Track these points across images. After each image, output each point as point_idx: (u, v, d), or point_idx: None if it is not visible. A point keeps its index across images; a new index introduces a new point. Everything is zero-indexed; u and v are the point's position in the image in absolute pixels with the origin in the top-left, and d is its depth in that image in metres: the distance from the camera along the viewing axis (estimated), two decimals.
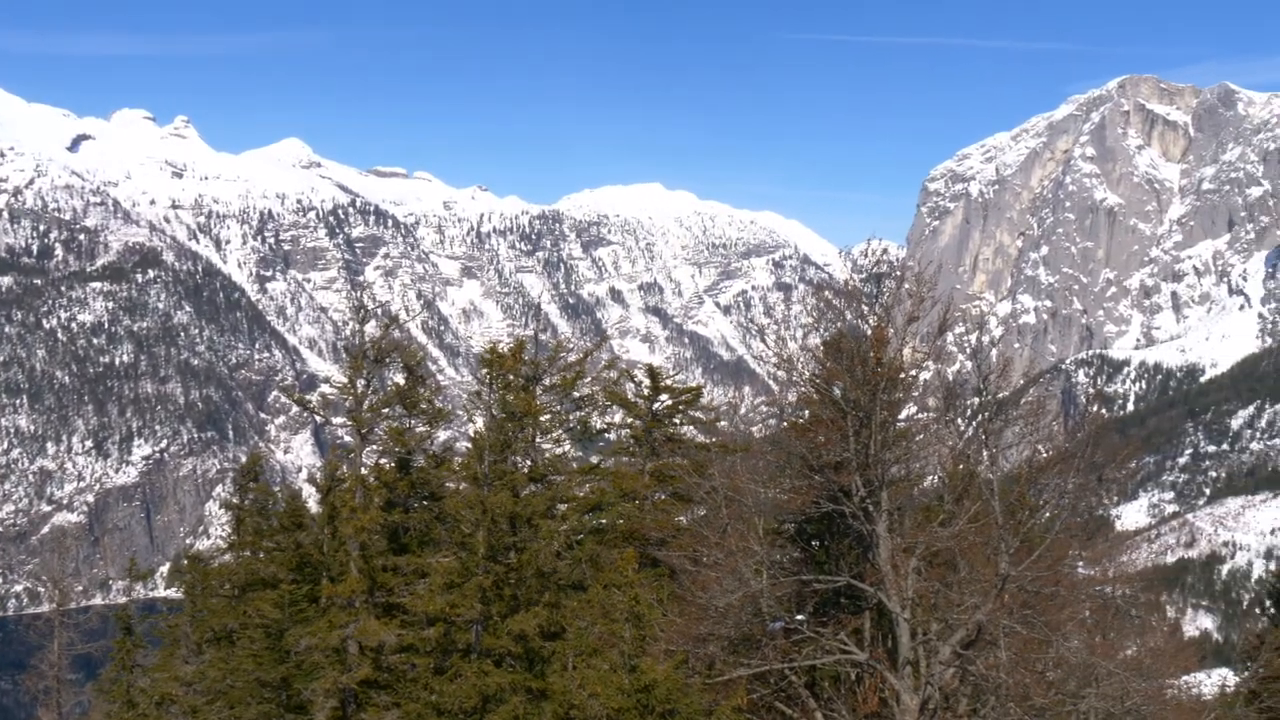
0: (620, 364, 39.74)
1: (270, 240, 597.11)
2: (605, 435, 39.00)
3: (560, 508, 34.43)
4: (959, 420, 28.63)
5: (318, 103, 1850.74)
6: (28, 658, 48.75)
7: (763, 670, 25.62)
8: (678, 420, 37.18)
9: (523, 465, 32.46)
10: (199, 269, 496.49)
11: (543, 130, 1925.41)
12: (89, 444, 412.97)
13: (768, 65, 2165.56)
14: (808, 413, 28.15)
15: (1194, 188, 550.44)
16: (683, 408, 37.16)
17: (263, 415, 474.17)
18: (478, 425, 32.13)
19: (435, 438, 33.48)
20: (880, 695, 24.60)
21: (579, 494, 35.80)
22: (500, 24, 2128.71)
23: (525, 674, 28.71)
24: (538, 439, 33.83)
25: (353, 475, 31.90)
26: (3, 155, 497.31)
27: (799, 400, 28.80)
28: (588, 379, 36.20)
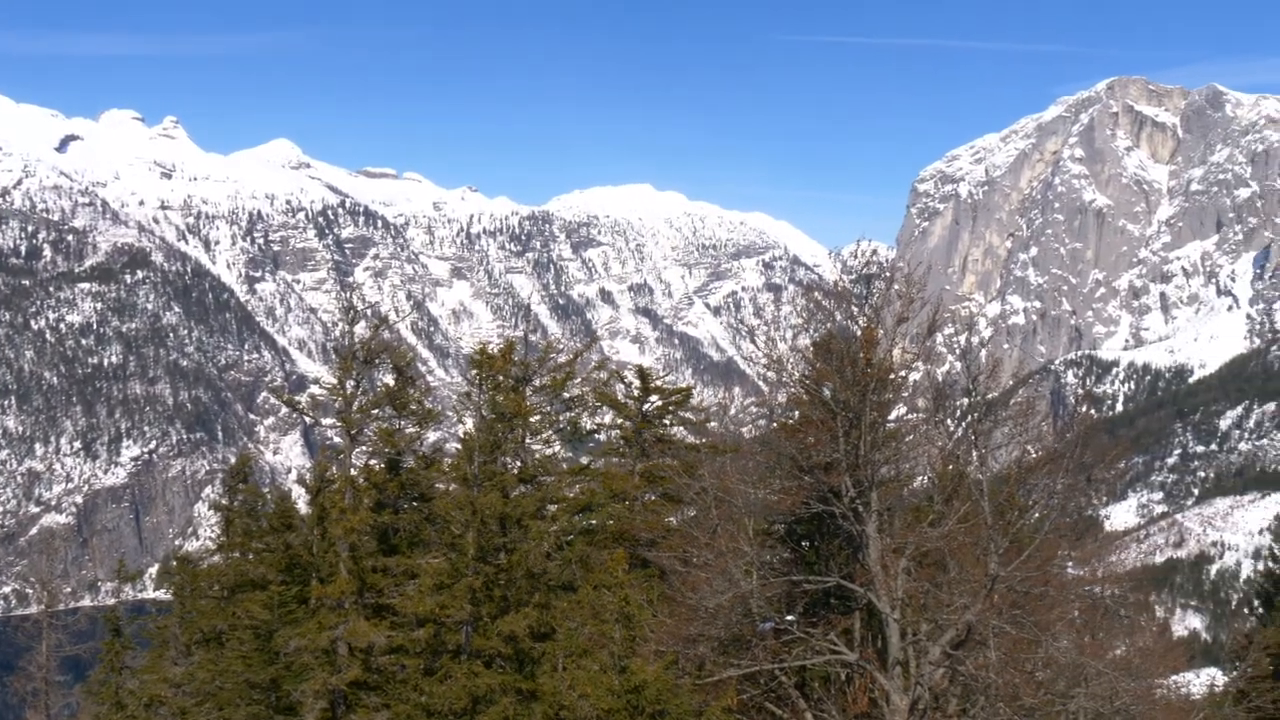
0: (610, 365, 39.77)
1: (259, 241, 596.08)
2: (595, 436, 38.99)
3: (550, 509, 34.37)
4: (948, 421, 28.66)
5: (307, 103, 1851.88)
6: (16, 659, 48.51)
7: (753, 671, 25.65)
8: (668, 421, 37.18)
9: (513, 466, 32.42)
10: (188, 270, 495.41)
11: (533, 131, 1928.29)
12: (77, 445, 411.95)
13: (758, 66, 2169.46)
14: (797, 413, 28.20)
15: (1182, 189, 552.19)
16: (673, 408, 37.16)
17: (252, 416, 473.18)
18: (467, 426, 32.09)
19: (425, 439, 33.44)
20: (870, 696, 24.63)
21: (569, 495, 35.75)
22: (493, 25, 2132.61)
23: (515, 675, 28.68)
24: (528, 440, 33.80)
25: (342, 476, 31.84)
26: None
27: (789, 401, 28.84)
28: (578, 380, 36.17)
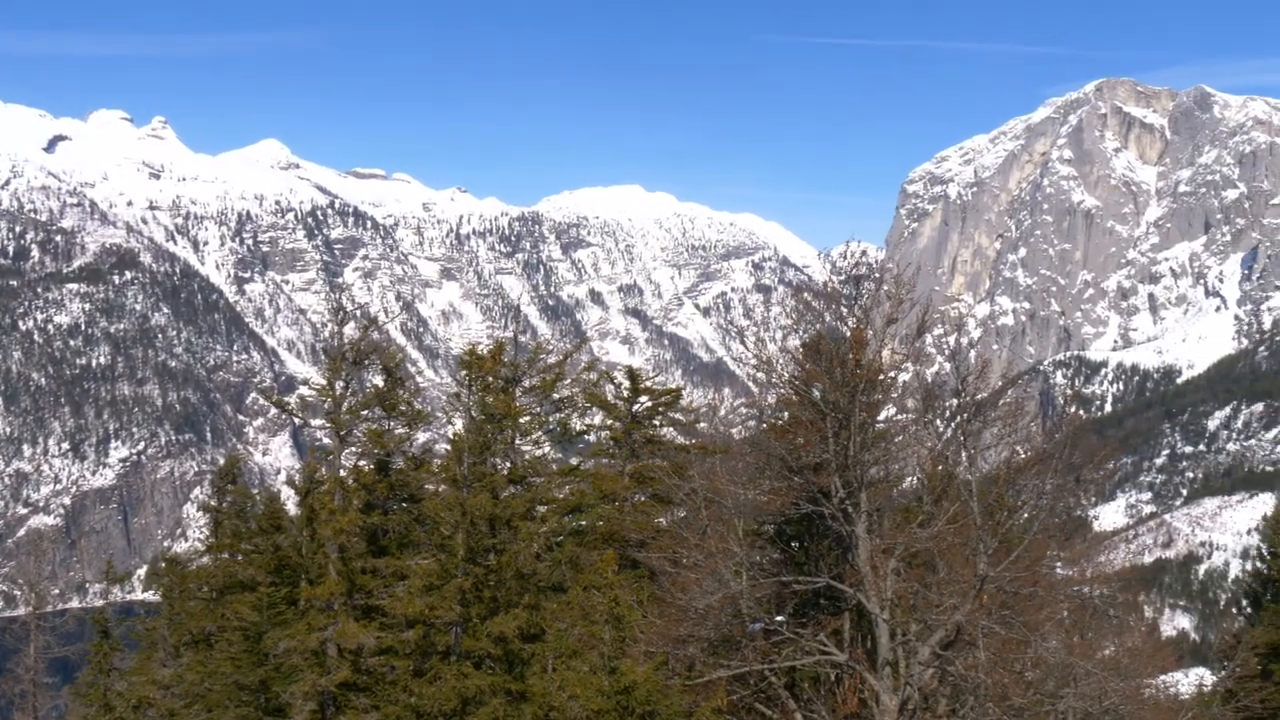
0: (600, 366, 39.78)
1: (248, 241, 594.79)
2: (585, 437, 38.99)
3: (540, 509, 34.39)
4: (938, 421, 28.72)
5: (297, 104, 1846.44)
6: (4, 661, 48.47)
7: (742, 671, 25.65)
8: (657, 422, 37.19)
9: (502, 467, 32.42)
10: (177, 270, 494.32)
11: (522, 132, 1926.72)
12: (65, 446, 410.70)
13: (748, 68, 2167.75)
14: (787, 414, 28.21)
15: (1170, 190, 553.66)
16: (662, 409, 37.17)
17: (241, 417, 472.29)
18: (457, 427, 32.07)
19: (414, 440, 33.43)
20: (860, 696, 24.67)
21: (559, 496, 35.77)
22: (483, 26, 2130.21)
23: (505, 676, 28.67)
24: (517, 441, 33.81)
25: (331, 477, 31.81)
26: None
27: (778, 402, 28.85)
28: (567, 381, 36.19)
